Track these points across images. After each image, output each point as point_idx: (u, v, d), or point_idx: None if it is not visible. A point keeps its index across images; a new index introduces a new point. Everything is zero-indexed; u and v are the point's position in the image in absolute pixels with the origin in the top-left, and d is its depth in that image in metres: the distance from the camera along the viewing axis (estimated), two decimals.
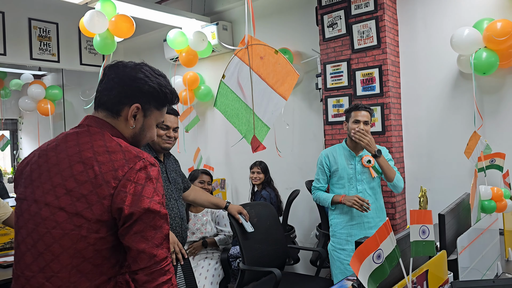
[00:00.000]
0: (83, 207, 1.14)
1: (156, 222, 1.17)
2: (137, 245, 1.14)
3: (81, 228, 1.14)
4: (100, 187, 1.14)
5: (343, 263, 2.67)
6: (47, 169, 1.21)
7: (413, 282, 1.19)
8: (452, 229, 1.71)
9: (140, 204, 1.14)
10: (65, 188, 1.16)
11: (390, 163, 2.74)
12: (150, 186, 1.17)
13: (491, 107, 2.99)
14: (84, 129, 1.26)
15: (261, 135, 2.32)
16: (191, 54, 4.17)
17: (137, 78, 1.25)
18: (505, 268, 2.04)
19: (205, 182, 3.47)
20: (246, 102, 2.32)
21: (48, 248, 1.15)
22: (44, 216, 1.16)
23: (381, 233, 1.08)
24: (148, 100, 1.28)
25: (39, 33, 4.99)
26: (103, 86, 1.28)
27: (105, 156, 1.18)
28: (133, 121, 1.28)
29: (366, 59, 3.32)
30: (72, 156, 1.19)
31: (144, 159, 1.20)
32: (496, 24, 2.69)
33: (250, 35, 2.16)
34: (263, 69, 2.25)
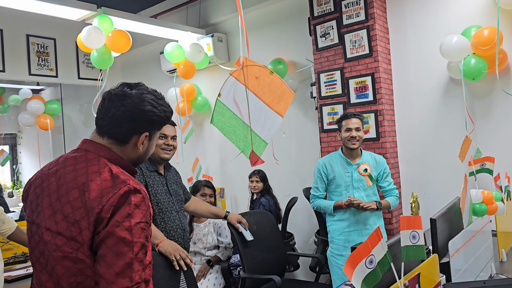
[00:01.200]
0: (77, 232, 1.18)
1: (119, 249, 1.15)
2: (99, 268, 1.15)
3: (78, 251, 1.18)
4: (88, 213, 1.18)
5: (341, 268, 2.72)
6: (48, 195, 1.26)
7: (405, 285, 1.24)
8: (444, 232, 1.77)
9: (108, 226, 1.16)
10: (62, 214, 1.21)
11: (388, 178, 2.83)
12: (125, 210, 1.18)
13: (482, 111, 3.06)
14: (82, 153, 1.30)
15: (259, 150, 2.40)
16: (189, 66, 4.24)
17: (145, 111, 1.30)
18: (498, 269, 2.10)
19: (207, 195, 3.51)
20: (243, 119, 2.39)
21: (53, 269, 1.21)
22: (46, 240, 1.23)
23: (372, 240, 1.14)
24: (154, 127, 1.36)
25: (37, 49, 5.06)
26: (111, 118, 1.30)
27: (97, 183, 1.21)
28: (141, 146, 1.34)
29: (358, 67, 3.40)
30: (69, 182, 1.24)
31: (129, 184, 1.22)
32: (483, 31, 2.77)
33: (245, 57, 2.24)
34: (259, 88, 2.32)
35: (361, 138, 2.78)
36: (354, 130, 2.73)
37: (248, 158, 2.39)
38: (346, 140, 2.75)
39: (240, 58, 2.26)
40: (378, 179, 2.85)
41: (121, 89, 1.33)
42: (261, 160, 2.38)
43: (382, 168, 2.84)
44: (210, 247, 3.38)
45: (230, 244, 3.40)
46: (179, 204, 2.41)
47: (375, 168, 2.82)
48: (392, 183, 2.87)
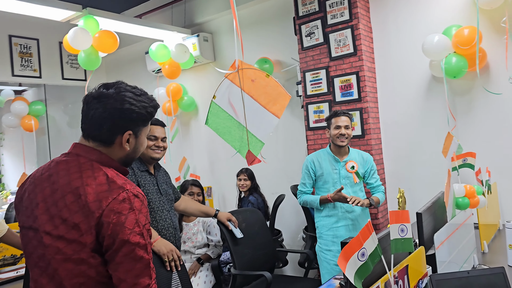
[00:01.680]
0: (78, 234, 1.21)
1: (136, 253, 1.22)
2: (119, 274, 1.21)
3: (80, 252, 1.22)
4: (88, 217, 1.21)
5: (329, 263, 2.79)
6: (43, 200, 1.28)
7: (395, 277, 1.31)
8: (429, 226, 1.84)
9: (121, 235, 1.20)
10: (61, 218, 1.23)
11: (375, 175, 2.91)
12: (132, 217, 1.23)
13: (463, 108, 3.16)
14: (73, 158, 1.32)
15: (256, 150, 2.45)
16: (174, 66, 4.26)
17: (124, 110, 1.30)
18: (481, 260, 2.19)
19: (195, 193, 3.55)
20: (239, 120, 2.44)
21: (56, 271, 1.23)
22: (47, 244, 1.24)
23: (364, 234, 1.20)
24: (137, 124, 1.35)
25: (20, 50, 5.00)
26: (90, 120, 1.31)
27: (92, 187, 1.24)
28: (127, 145, 1.35)
29: (343, 66, 3.47)
30: (63, 187, 1.26)
31: (127, 190, 1.25)
32: (463, 31, 2.87)
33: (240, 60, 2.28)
34: (255, 90, 2.37)
35: (350, 136, 2.85)
36: (343, 128, 2.80)
37: (245, 158, 2.44)
38: (335, 138, 2.81)
39: (236, 62, 2.30)
40: (365, 176, 2.92)
41: (98, 91, 1.33)
42: (258, 159, 2.43)
43: (369, 166, 2.92)
44: (200, 246, 3.41)
45: (220, 242, 3.44)
46: (170, 203, 2.44)
47: (362, 166, 2.89)
48: (378, 179, 2.95)
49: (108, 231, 1.20)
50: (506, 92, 2.95)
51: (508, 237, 2.07)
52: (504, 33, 2.86)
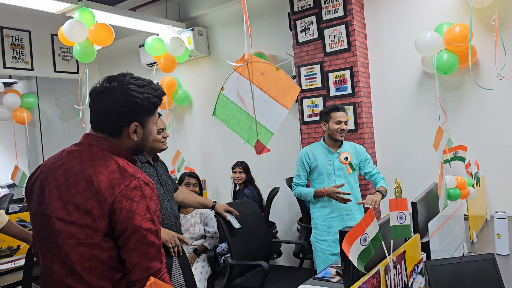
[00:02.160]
0: (91, 220, 1.26)
1: (148, 239, 1.27)
2: (132, 259, 1.26)
3: (93, 236, 1.27)
4: (101, 203, 1.26)
5: (324, 253, 2.87)
6: (57, 187, 1.32)
7: (394, 261, 1.38)
8: (423, 215, 1.92)
9: (133, 221, 1.25)
10: (73, 204, 1.28)
11: (370, 163, 2.98)
12: (143, 204, 1.28)
13: (453, 103, 3.25)
14: (85, 147, 1.36)
15: (265, 140, 2.51)
16: (170, 59, 4.28)
17: (127, 102, 1.33)
18: (470, 249, 2.28)
19: (191, 184, 3.59)
20: (247, 111, 2.49)
21: (67, 256, 1.28)
22: (59, 229, 1.29)
23: (366, 220, 1.26)
24: (142, 115, 1.38)
25: (12, 42, 4.96)
26: (96, 114, 1.36)
27: (104, 174, 1.28)
28: (135, 136, 1.38)
29: (337, 61, 3.53)
30: (76, 174, 1.31)
31: (138, 178, 1.30)
32: (454, 28, 2.95)
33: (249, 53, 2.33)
34: (264, 83, 2.43)
35: (347, 131, 2.94)
36: (344, 123, 2.88)
37: (253, 148, 2.50)
38: (335, 132, 2.87)
39: (245, 55, 2.35)
40: (361, 166, 2.98)
41: (101, 85, 1.37)
42: (267, 149, 2.49)
43: (362, 156, 2.98)
44: (197, 237, 3.47)
45: (217, 234, 3.50)
46: (170, 193, 2.49)
47: (355, 157, 2.96)
48: (375, 167, 3.01)
49: (120, 217, 1.25)
50: (495, 89, 3.05)
51: (497, 226, 2.16)
52: (493, 31, 2.95)
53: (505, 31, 2.97)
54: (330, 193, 2.79)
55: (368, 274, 1.24)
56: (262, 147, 2.46)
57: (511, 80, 2.98)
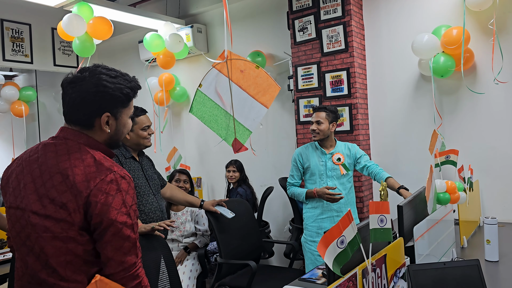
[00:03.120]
0: (66, 214, 1.25)
1: (124, 232, 1.26)
2: (107, 253, 1.25)
3: (68, 230, 1.25)
4: (76, 197, 1.25)
5: (314, 254, 2.86)
6: (32, 181, 1.31)
7: (373, 265, 1.36)
8: (410, 219, 1.90)
9: (108, 214, 1.24)
10: (49, 198, 1.27)
11: (365, 157, 2.94)
12: (119, 197, 1.27)
13: (449, 107, 3.23)
14: (61, 141, 1.34)
15: (243, 138, 2.49)
16: (169, 56, 4.27)
17: (98, 92, 1.31)
18: (459, 254, 2.26)
19: (181, 180, 3.58)
20: (225, 109, 2.48)
21: (42, 250, 1.27)
22: (34, 223, 1.28)
23: (344, 222, 1.24)
24: (114, 105, 1.36)
25: (12, 34, 4.96)
26: (68, 105, 1.34)
27: (80, 168, 1.27)
28: (107, 127, 1.36)
29: (335, 62, 3.51)
30: (52, 168, 1.29)
31: (115, 171, 1.29)
32: (452, 31, 2.92)
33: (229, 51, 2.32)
34: (244, 81, 2.41)
35: (323, 131, 2.86)
36: (315, 124, 2.87)
37: (231, 146, 2.48)
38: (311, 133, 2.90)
39: (225, 52, 2.34)
40: (356, 164, 2.94)
41: (73, 75, 1.35)
42: (244, 147, 2.48)
43: (356, 153, 2.94)
44: (188, 235, 3.45)
45: (207, 232, 3.49)
46: (155, 188, 2.49)
47: (348, 156, 2.93)
48: (370, 160, 2.96)
49: (96, 211, 1.24)
50: (491, 93, 3.02)
51: (486, 232, 2.14)
52: (491, 34, 2.92)
53: (503, 35, 2.94)
54: (321, 194, 2.77)
55: (343, 277, 1.22)
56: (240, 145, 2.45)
57: (507, 84, 2.95)
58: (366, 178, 3.52)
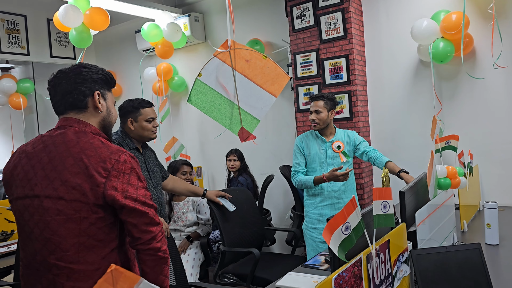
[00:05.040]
0: (79, 194, 1.32)
1: (147, 203, 1.40)
2: (144, 220, 1.37)
3: (81, 211, 1.32)
4: (92, 177, 1.32)
5: (315, 240, 2.88)
6: (42, 168, 1.36)
7: (377, 250, 1.38)
8: (411, 204, 1.92)
9: (130, 191, 1.36)
10: (60, 180, 1.33)
11: (364, 143, 2.93)
12: (134, 175, 1.39)
13: (448, 92, 3.23)
14: (66, 129, 1.41)
15: (251, 127, 2.50)
16: (167, 45, 4.24)
17: (83, 73, 1.44)
18: (460, 238, 2.28)
19: (187, 172, 3.60)
20: (229, 98, 2.47)
21: (55, 233, 1.32)
22: (47, 207, 1.33)
23: (348, 208, 1.26)
24: (101, 85, 1.48)
25: (7, 26, 4.92)
26: (60, 94, 1.44)
27: (92, 151, 1.35)
28: (100, 105, 1.47)
29: (333, 49, 3.50)
30: (62, 153, 1.35)
31: (125, 152, 1.40)
32: (451, 16, 2.91)
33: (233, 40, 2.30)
34: (249, 70, 2.41)
35: (322, 120, 2.83)
36: (314, 113, 2.84)
37: (237, 135, 2.49)
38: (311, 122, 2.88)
39: (228, 41, 2.32)
40: (356, 150, 2.93)
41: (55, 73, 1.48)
42: (252, 135, 2.49)
43: (355, 140, 2.93)
44: (190, 224, 3.48)
45: (209, 221, 3.51)
46: (156, 181, 2.50)
47: (348, 143, 2.92)
48: (369, 146, 2.95)
49: (117, 188, 1.34)
50: (490, 78, 3.02)
51: (487, 216, 2.16)
52: (490, 19, 2.91)
53: (502, 20, 2.93)
54: (332, 178, 2.71)
55: (349, 263, 1.24)
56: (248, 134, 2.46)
57: (507, 69, 2.95)
58: (366, 164, 3.54)
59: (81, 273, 1.33)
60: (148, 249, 1.39)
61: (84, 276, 1.33)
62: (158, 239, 1.41)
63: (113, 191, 1.33)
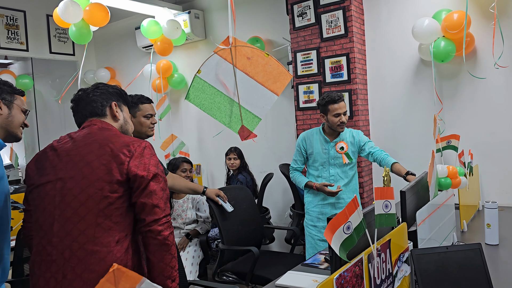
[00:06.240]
0: (103, 173, 1.44)
1: (162, 185, 1.51)
2: (153, 201, 1.46)
3: (102, 190, 1.43)
4: (117, 157, 1.46)
5: (314, 238, 2.89)
6: (67, 154, 1.51)
7: (378, 250, 1.37)
8: (412, 204, 1.91)
9: (150, 169, 1.49)
10: (85, 161, 1.46)
11: (370, 143, 2.89)
12: (154, 159, 1.54)
13: (449, 92, 3.22)
14: (91, 126, 1.59)
15: (251, 125, 2.48)
16: (166, 42, 4.23)
17: (99, 88, 1.69)
18: (460, 238, 2.28)
19: (187, 170, 3.59)
20: (229, 95, 2.45)
21: (75, 212, 1.42)
22: (70, 187, 1.44)
23: (350, 208, 1.25)
24: (117, 98, 1.71)
25: (6, 21, 4.90)
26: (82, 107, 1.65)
27: (116, 138, 1.53)
28: (117, 114, 1.67)
29: (334, 47, 3.49)
30: (87, 141, 1.52)
31: (146, 141, 1.58)
32: (452, 15, 2.91)
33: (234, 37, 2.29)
34: (251, 68, 2.39)
35: (347, 120, 2.83)
36: (342, 115, 2.78)
37: (237, 133, 2.47)
38: (336, 126, 2.78)
39: (230, 38, 2.31)
40: (362, 150, 2.89)
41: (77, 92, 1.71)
42: (253, 134, 2.47)
43: (360, 140, 2.89)
44: (189, 222, 3.47)
45: (209, 218, 3.50)
46: None
47: (352, 144, 2.88)
48: (375, 146, 2.90)
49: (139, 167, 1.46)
50: (491, 77, 3.02)
51: (487, 216, 2.16)
52: (492, 19, 2.90)
53: (504, 19, 2.93)
54: (321, 191, 2.83)
55: (350, 262, 1.23)
56: (248, 132, 2.44)
57: (508, 69, 2.94)
58: (366, 164, 3.53)
59: (93, 255, 1.39)
60: (149, 231, 1.46)
61: (96, 258, 1.39)
62: (161, 223, 1.47)
63: (135, 168, 1.46)
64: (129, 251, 1.46)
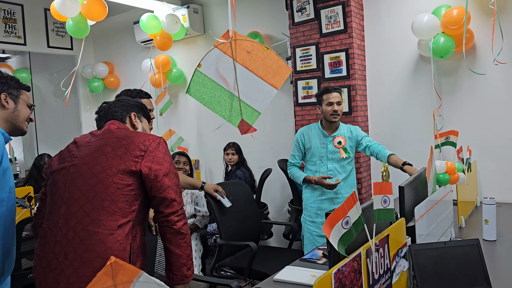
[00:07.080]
0: (117, 162, 1.52)
1: (176, 180, 1.61)
2: (170, 195, 1.56)
3: (114, 176, 1.50)
4: (133, 150, 1.55)
5: (312, 234, 2.89)
6: (85, 145, 1.60)
7: (376, 245, 1.37)
8: (411, 199, 1.91)
9: (165, 165, 1.58)
10: (101, 152, 1.54)
11: (367, 138, 2.91)
12: (168, 155, 1.62)
13: (448, 88, 3.22)
14: (112, 126, 1.68)
15: (251, 120, 2.48)
16: (166, 37, 4.21)
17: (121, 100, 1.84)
18: (457, 234, 2.29)
19: (181, 162, 3.58)
20: (229, 90, 2.45)
21: (83, 194, 1.49)
22: (82, 171, 1.52)
23: (348, 203, 1.25)
24: (137, 110, 1.82)
25: (4, 15, 4.87)
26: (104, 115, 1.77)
27: (133, 134, 1.61)
28: (136, 123, 1.79)
29: (333, 43, 3.48)
30: (105, 135, 1.61)
31: (161, 138, 1.66)
32: (452, 11, 2.90)
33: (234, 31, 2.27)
34: (251, 62, 2.39)
35: (341, 112, 2.86)
36: (336, 104, 2.82)
37: (237, 127, 2.47)
38: (328, 114, 2.82)
39: (230, 32, 2.29)
40: (359, 144, 2.90)
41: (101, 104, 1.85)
42: (253, 128, 2.47)
43: (357, 135, 2.91)
44: (188, 217, 3.47)
45: (207, 213, 3.50)
46: None
47: (350, 139, 2.90)
48: (372, 140, 2.92)
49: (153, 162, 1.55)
50: (490, 74, 3.02)
51: (485, 212, 2.16)
52: (491, 15, 2.90)
53: (504, 16, 2.92)
54: (320, 184, 2.82)
55: (348, 257, 1.23)
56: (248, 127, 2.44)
57: (507, 65, 2.94)
58: (364, 159, 3.53)
59: (95, 236, 1.44)
60: (166, 221, 1.57)
61: (97, 239, 1.44)
62: (177, 214, 1.58)
63: (149, 163, 1.54)
64: (129, 236, 1.51)
